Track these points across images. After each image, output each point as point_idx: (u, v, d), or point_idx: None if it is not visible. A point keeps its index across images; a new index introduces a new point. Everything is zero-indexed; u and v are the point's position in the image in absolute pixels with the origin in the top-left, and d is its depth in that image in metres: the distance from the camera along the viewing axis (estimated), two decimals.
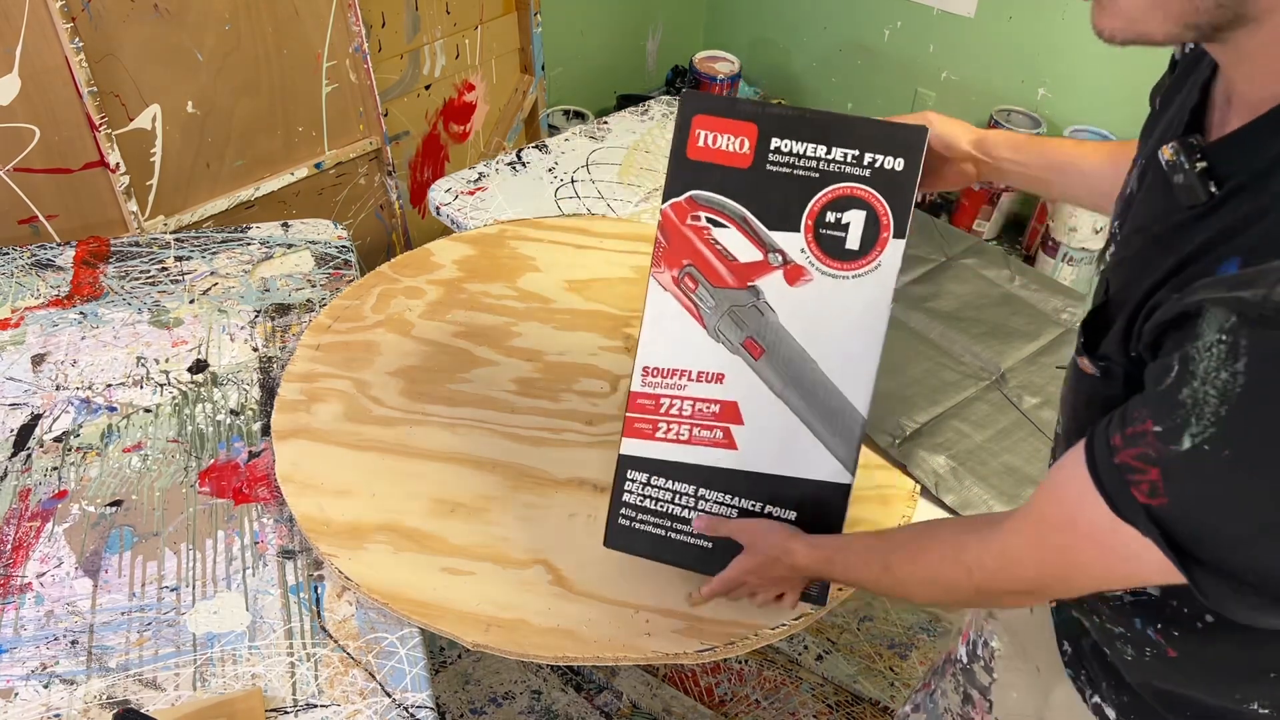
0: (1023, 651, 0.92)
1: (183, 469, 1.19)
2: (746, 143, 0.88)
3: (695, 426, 0.96)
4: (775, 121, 0.87)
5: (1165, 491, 0.57)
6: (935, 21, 2.83)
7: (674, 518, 0.99)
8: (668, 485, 0.98)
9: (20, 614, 1.03)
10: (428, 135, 2.45)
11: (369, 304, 1.42)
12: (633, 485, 0.99)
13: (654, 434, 0.97)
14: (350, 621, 1.03)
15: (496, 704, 1.68)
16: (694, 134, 0.90)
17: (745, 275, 0.92)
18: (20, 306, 1.41)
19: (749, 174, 0.89)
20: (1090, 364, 0.67)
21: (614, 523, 1.01)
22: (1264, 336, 0.51)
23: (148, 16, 1.69)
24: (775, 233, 0.90)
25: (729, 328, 0.93)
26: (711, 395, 0.95)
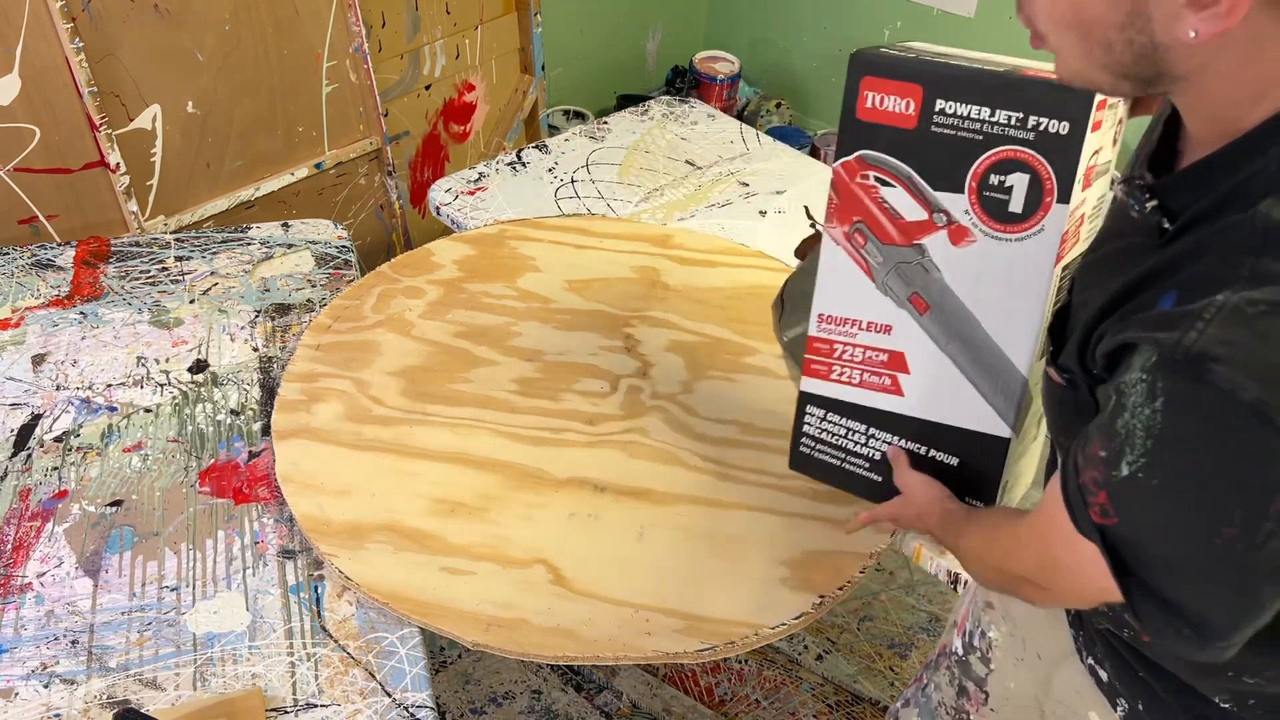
0: (1022, 641, 0.93)
1: (183, 469, 1.19)
2: (912, 104, 0.88)
3: (865, 371, 1.02)
4: (940, 83, 0.86)
5: (1114, 512, 0.61)
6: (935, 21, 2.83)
7: (848, 450, 1.08)
8: (841, 422, 1.07)
9: (20, 614, 1.03)
10: (428, 135, 2.45)
11: (369, 304, 1.42)
12: (811, 419, 1.09)
13: (829, 375, 1.05)
14: (350, 621, 1.03)
15: (497, 704, 1.68)
16: (862, 95, 0.90)
17: (911, 233, 0.93)
18: (20, 306, 1.41)
19: (914, 134, 0.89)
20: (1057, 374, 0.70)
21: (796, 449, 1.12)
22: (1175, 383, 0.55)
23: (148, 16, 1.69)
24: (940, 193, 0.90)
25: (896, 283, 0.96)
26: (880, 344, 1.00)
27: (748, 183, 1.75)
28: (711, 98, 3.13)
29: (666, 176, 1.76)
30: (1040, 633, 0.90)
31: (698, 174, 1.77)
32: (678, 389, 1.31)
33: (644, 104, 2.00)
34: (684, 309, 1.44)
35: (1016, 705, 0.96)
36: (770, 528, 1.13)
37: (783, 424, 1.26)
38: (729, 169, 1.79)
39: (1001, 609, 0.95)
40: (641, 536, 1.11)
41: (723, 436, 1.24)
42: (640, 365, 1.34)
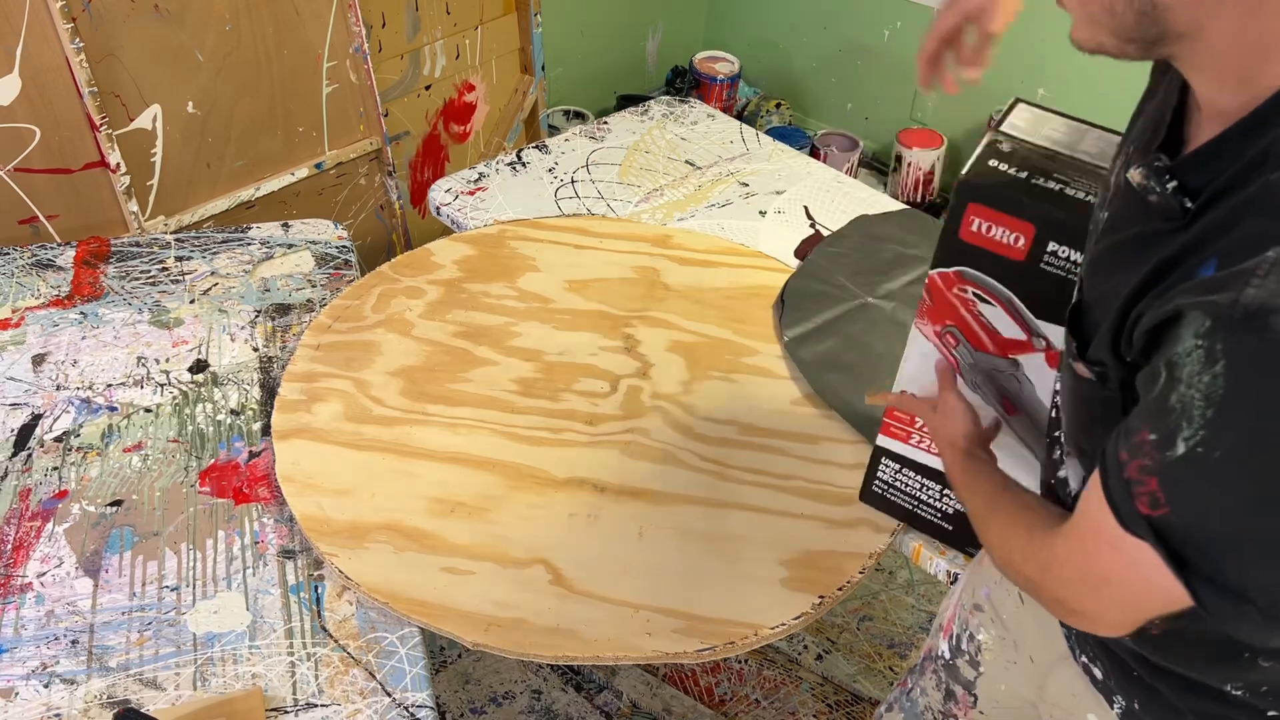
0: (1014, 644, 0.92)
1: (183, 469, 1.19)
2: (1022, 240, 0.85)
3: None
4: (1054, 227, 0.83)
5: (1165, 501, 0.57)
6: None
7: (920, 500, 1.10)
8: (915, 478, 1.09)
9: (21, 614, 1.03)
10: (428, 135, 2.45)
11: (369, 304, 1.42)
12: (885, 470, 1.11)
13: (907, 440, 1.07)
14: (350, 621, 1.03)
15: (496, 703, 1.68)
16: (968, 219, 0.87)
17: (1007, 349, 0.92)
18: (21, 306, 1.41)
19: (1022, 266, 0.86)
20: (1085, 369, 0.67)
21: (869, 488, 1.14)
22: (1238, 340, 0.52)
23: (148, 17, 1.69)
24: (1042, 321, 0.88)
25: (986, 386, 0.96)
26: None
27: (747, 183, 1.75)
28: (711, 98, 3.13)
29: (666, 176, 1.76)
30: (1033, 636, 0.89)
31: (697, 174, 1.77)
32: (678, 389, 1.31)
33: (644, 104, 2.00)
34: (684, 309, 1.44)
35: (1008, 708, 0.96)
36: (770, 528, 1.13)
37: (782, 424, 1.27)
38: (729, 169, 1.79)
39: (991, 612, 0.95)
40: (641, 536, 1.11)
41: (723, 436, 1.25)
42: (640, 365, 1.34)
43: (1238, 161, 0.57)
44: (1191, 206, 0.60)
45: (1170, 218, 0.61)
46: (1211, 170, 0.59)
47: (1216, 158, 0.59)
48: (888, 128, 3.07)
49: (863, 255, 1.51)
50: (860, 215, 1.61)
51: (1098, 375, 0.66)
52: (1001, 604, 0.94)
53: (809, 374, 1.31)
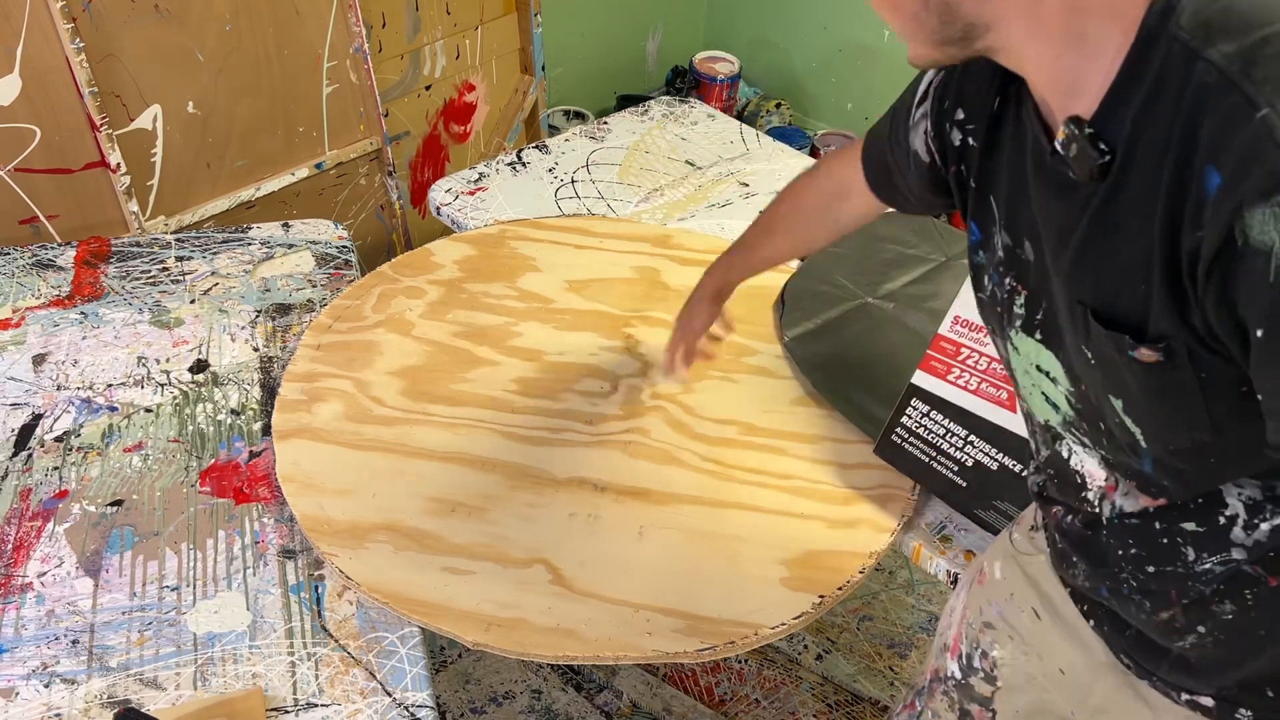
0: (1037, 658, 0.90)
1: (183, 469, 1.19)
2: None
3: (985, 381, 1.06)
4: None
5: None
6: None
7: (940, 450, 1.11)
8: (943, 422, 1.09)
9: (21, 613, 1.03)
10: (428, 135, 2.45)
11: (369, 304, 1.42)
12: (913, 412, 1.12)
13: (945, 375, 1.08)
14: (351, 621, 1.03)
15: (497, 703, 1.69)
16: None
17: None
18: (21, 306, 1.42)
19: None
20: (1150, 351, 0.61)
21: (887, 437, 1.15)
22: None
23: (149, 17, 1.69)
24: None
25: None
26: None
27: (748, 183, 1.75)
28: (711, 98, 3.13)
29: (666, 176, 1.76)
30: (1059, 649, 0.87)
31: (698, 174, 1.77)
32: (678, 389, 1.31)
33: (644, 104, 2.00)
34: None
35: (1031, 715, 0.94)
36: (770, 528, 1.13)
37: (782, 424, 1.27)
38: (729, 169, 1.79)
39: (1006, 629, 0.93)
40: (641, 536, 1.11)
41: (723, 436, 1.25)
42: (640, 365, 1.35)
43: (1136, 99, 0.58)
44: (1105, 150, 0.60)
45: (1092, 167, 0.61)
46: (1119, 113, 0.60)
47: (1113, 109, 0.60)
48: None
49: (863, 255, 1.51)
50: None
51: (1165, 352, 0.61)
52: (1017, 620, 0.92)
53: (810, 374, 1.31)
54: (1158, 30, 0.57)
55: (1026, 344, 0.75)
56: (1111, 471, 0.74)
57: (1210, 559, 0.69)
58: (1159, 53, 0.57)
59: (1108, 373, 0.66)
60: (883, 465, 1.21)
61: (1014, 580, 0.92)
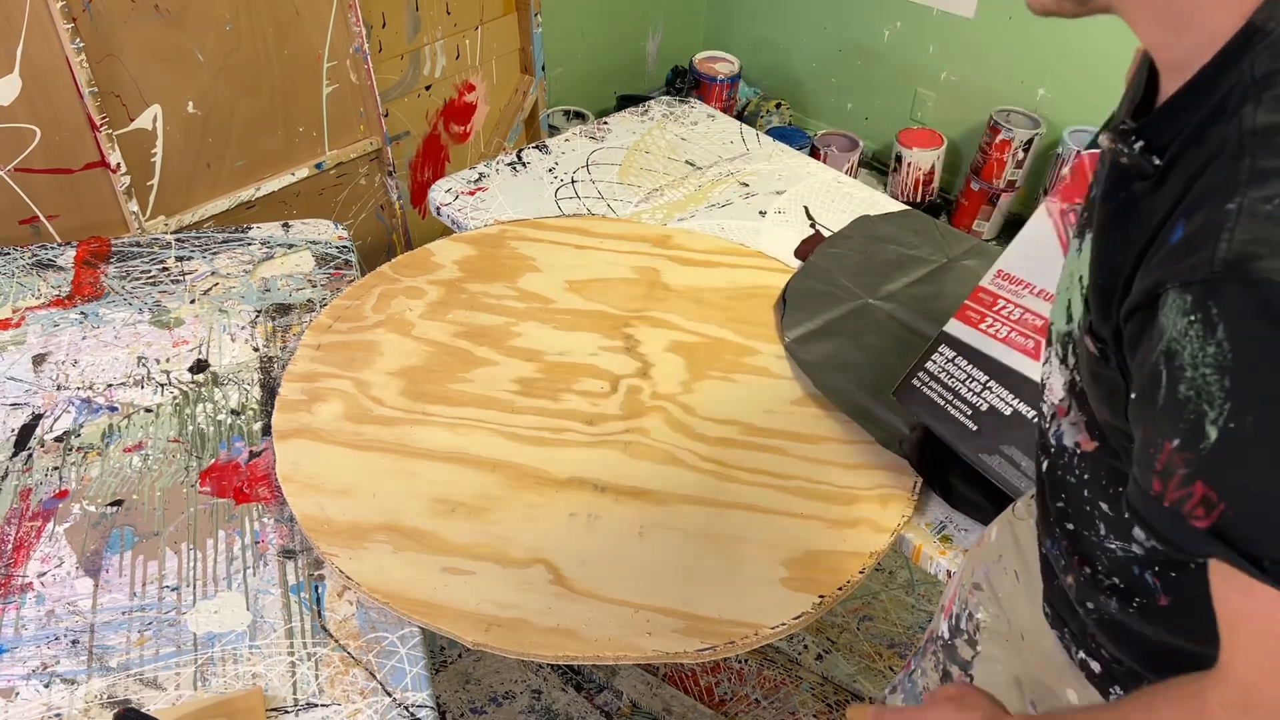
0: (1008, 620, 0.93)
1: (183, 469, 1.19)
2: None
3: (1015, 330, 1.12)
4: None
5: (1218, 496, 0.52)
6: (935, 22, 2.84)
7: (958, 394, 1.15)
8: (966, 367, 1.15)
9: (21, 613, 1.03)
10: (428, 135, 2.45)
11: (369, 304, 1.42)
12: (939, 358, 1.17)
13: (978, 324, 1.15)
14: (351, 621, 1.03)
15: (497, 703, 1.69)
16: None
17: None
18: (21, 306, 1.42)
19: None
20: (1092, 343, 0.64)
21: (908, 381, 1.19)
22: (1227, 299, 0.50)
23: (148, 17, 1.69)
24: None
25: None
26: (1042, 311, 1.09)
27: (748, 183, 1.75)
28: (711, 98, 3.13)
29: (666, 177, 1.76)
30: (1022, 611, 0.89)
31: (698, 174, 1.77)
32: (678, 389, 1.31)
33: (644, 104, 2.00)
34: (684, 309, 1.44)
35: (1001, 683, 0.96)
36: (770, 528, 1.13)
37: (782, 424, 1.27)
38: (729, 169, 1.79)
39: (990, 590, 0.95)
40: (641, 536, 1.11)
41: (723, 436, 1.25)
42: (640, 365, 1.35)
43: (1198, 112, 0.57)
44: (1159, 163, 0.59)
45: (1144, 177, 0.60)
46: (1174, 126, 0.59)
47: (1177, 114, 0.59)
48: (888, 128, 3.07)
49: (864, 256, 1.51)
50: (862, 216, 1.61)
51: (1100, 352, 0.63)
52: (999, 582, 0.94)
53: (811, 374, 1.31)
54: (1239, 54, 0.56)
55: (1087, 250, 0.73)
56: (1069, 395, 0.74)
57: (1116, 540, 0.70)
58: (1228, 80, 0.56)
59: None
60: (883, 465, 1.21)
61: (1004, 542, 0.95)
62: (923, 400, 1.18)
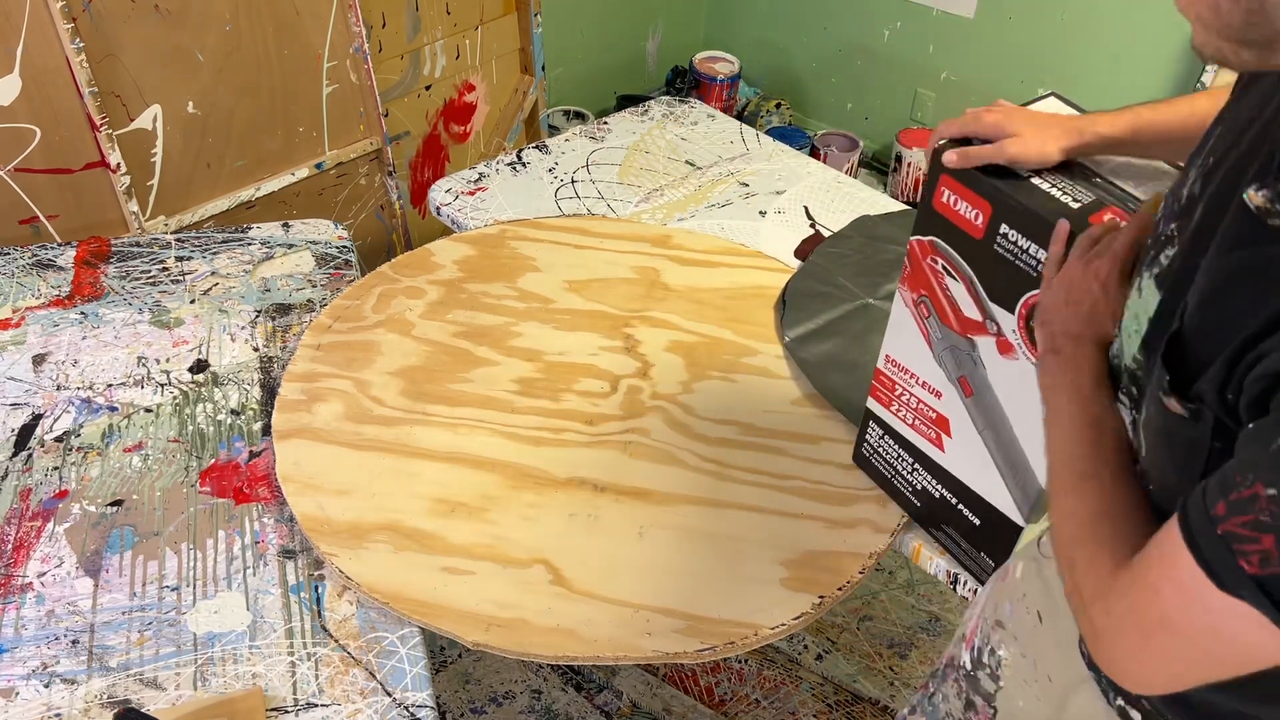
0: (1032, 663, 0.91)
1: (183, 469, 1.19)
2: (981, 217, 0.88)
3: (917, 418, 1.07)
4: (1008, 209, 0.86)
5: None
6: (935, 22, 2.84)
7: (896, 471, 1.13)
8: (894, 448, 1.12)
9: (21, 613, 1.03)
10: (428, 135, 2.45)
11: (369, 304, 1.42)
12: (872, 434, 1.15)
13: (889, 406, 1.11)
14: (351, 621, 1.03)
15: (497, 703, 1.69)
16: (939, 189, 0.91)
17: (967, 328, 0.96)
18: (21, 306, 1.42)
19: (980, 245, 0.89)
20: (1179, 405, 0.61)
21: (859, 450, 1.19)
22: None
23: (148, 17, 1.69)
24: (995, 305, 0.91)
25: (949, 361, 1.00)
26: (930, 403, 1.05)
27: (747, 183, 1.75)
28: (711, 98, 3.13)
29: (666, 177, 1.77)
30: (1050, 656, 0.88)
31: (698, 174, 1.77)
32: (678, 389, 1.31)
33: (644, 104, 2.00)
34: (684, 309, 1.44)
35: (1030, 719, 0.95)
36: (770, 528, 1.13)
37: (782, 424, 1.27)
38: (729, 169, 1.79)
39: (1012, 629, 0.94)
40: (641, 536, 1.11)
41: (722, 436, 1.25)
42: (640, 365, 1.35)
43: None
44: None
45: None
46: None
47: None
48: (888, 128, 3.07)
49: (864, 256, 1.51)
50: (862, 216, 1.61)
51: (1191, 414, 0.60)
52: (1020, 623, 0.92)
53: (810, 374, 1.31)
54: None
55: (1150, 293, 0.70)
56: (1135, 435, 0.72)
57: None
58: None
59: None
60: None
61: (1030, 581, 0.93)
62: (874, 471, 1.18)
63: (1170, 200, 0.72)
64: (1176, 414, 0.61)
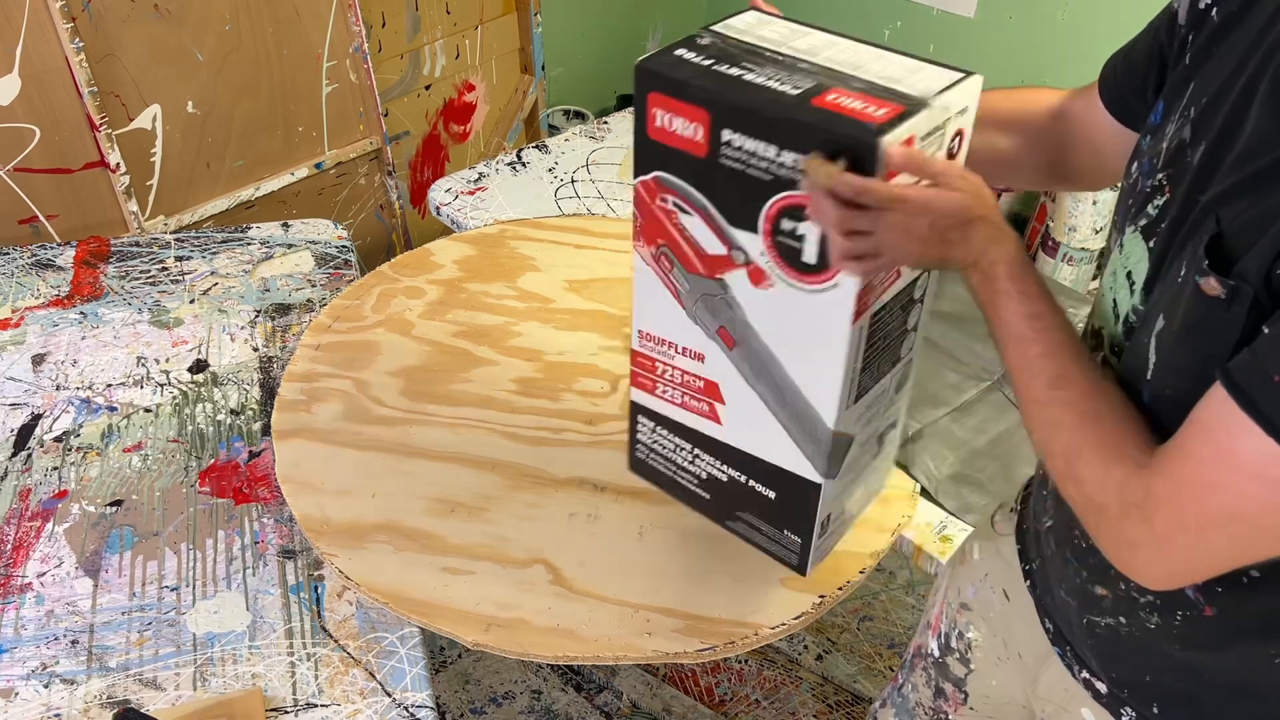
0: (1003, 642, 0.92)
1: (183, 469, 1.19)
2: (700, 130, 0.77)
3: (685, 394, 0.96)
4: (726, 111, 0.75)
5: None
6: (935, 21, 2.83)
7: (678, 465, 1.03)
8: (670, 438, 1.01)
9: (21, 614, 1.03)
10: (428, 135, 2.45)
11: (369, 304, 1.42)
12: (643, 430, 1.03)
13: (653, 390, 0.99)
14: (350, 621, 1.03)
15: (496, 703, 1.68)
16: (651, 112, 0.80)
17: (713, 267, 0.85)
18: (20, 306, 1.41)
19: (705, 163, 0.79)
20: (1218, 284, 0.59)
21: (633, 454, 1.07)
22: None
23: (148, 17, 1.69)
24: (737, 230, 0.81)
25: (704, 314, 0.89)
26: (695, 370, 0.93)
27: None
28: None
29: None
30: (1018, 633, 0.89)
31: None
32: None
33: None
34: None
35: (998, 704, 0.96)
36: None
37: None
38: None
39: (979, 610, 0.95)
40: (641, 536, 1.11)
41: None
42: None
43: None
44: None
45: None
46: None
47: None
48: None
49: None
50: None
51: (1230, 291, 0.59)
52: (987, 603, 0.94)
53: None
54: None
55: (1135, 248, 0.70)
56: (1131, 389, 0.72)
57: None
58: None
59: (1169, 289, 0.65)
60: None
61: (990, 561, 0.94)
62: (651, 473, 1.06)
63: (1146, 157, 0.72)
64: (1211, 296, 0.59)
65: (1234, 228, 0.60)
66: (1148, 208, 0.71)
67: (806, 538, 0.95)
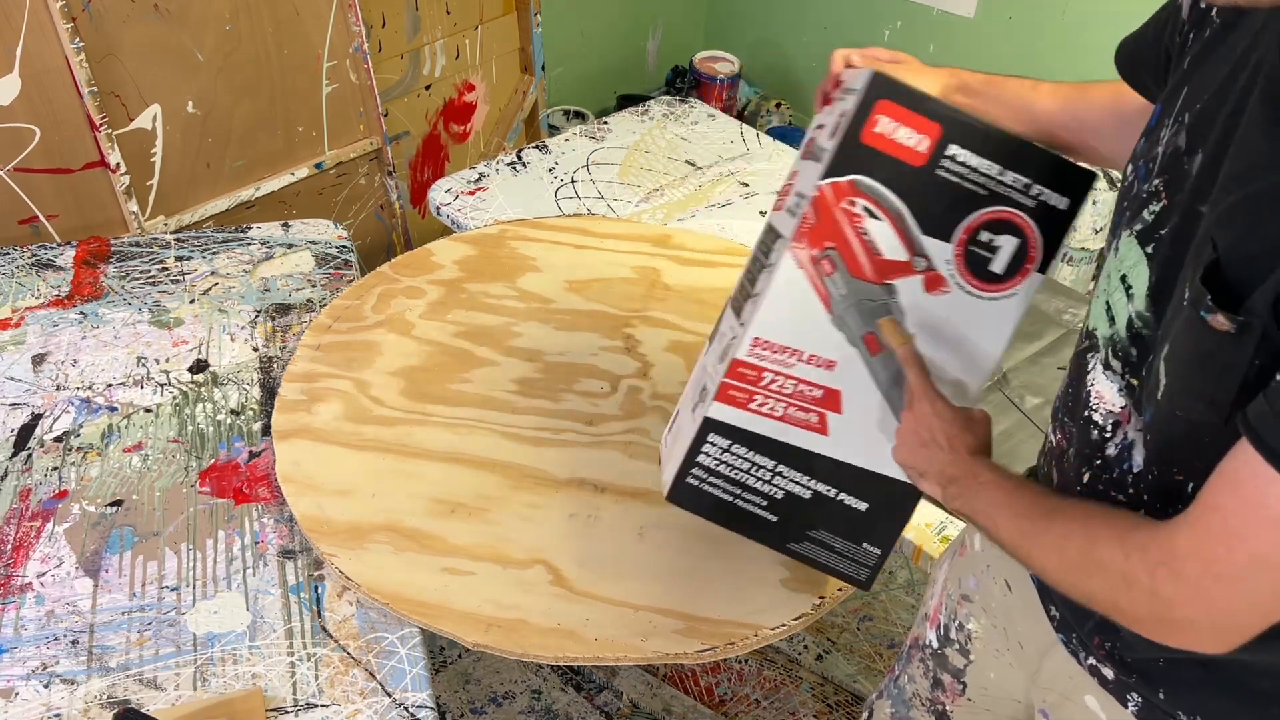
0: (1003, 632, 0.92)
1: (183, 469, 1.19)
2: (926, 141, 0.85)
3: (791, 405, 0.95)
4: (959, 128, 0.84)
5: None
6: (935, 21, 2.83)
7: (745, 486, 0.98)
8: (746, 455, 0.97)
9: (21, 614, 1.03)
10: (428, 135, 2.45)
11: (369, 304, 1.42)
12: (711, 449, 0.97)
13: (747, 404, 0.95)
14: (350, 621, 1.03)
15: (497, 704, 1.68)
16: (874, 118, 0.85)
17: (885, 272, 0.89)
18: (21, 306, 1.41)
19: (919, 173, 0.86)
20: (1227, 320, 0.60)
21: (681, 479, 0.98)
22: None
23: (148, 16, 1.69)
24: (926, 238, 0.88)
25: (854, 318, 0.91)
26: (817, 380, 0.93)
27: (748, 183, 1.75)
28: (711, 98, 3.13)
29: (666, 176, 1.76)
30: (1019, 624, 0.89)
31: (698, 174, 1.77)
32: (678, 389, 1.31)
33: (644, 104, 2.00)
34: (684, 309, 1.44)
35: (996, 696, 0.96)
36: None
37: None
38: (729, 169, 1.79)
39: (981, 602, 0.95)
40: (641, 536, 1.11)
41: None
42: (640, 365, 1.34)
43: None
44: None
45: None
46: None
47: None
48: None
49: None
50: None
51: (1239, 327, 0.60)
52: (988, 594, 0.94)
53: None
54: None
55: (1131, 252, 0.72)
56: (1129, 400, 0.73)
57: None
58: None
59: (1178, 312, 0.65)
60: None
61: (991, 551, 0.94)
62: (705, 500, 0.99)
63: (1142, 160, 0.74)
64: (1220, 331, 0.60)
65: (1233, 256, 0.61)
66: (1143, 213, 0.71)
67: (887, 547, 0.97)
